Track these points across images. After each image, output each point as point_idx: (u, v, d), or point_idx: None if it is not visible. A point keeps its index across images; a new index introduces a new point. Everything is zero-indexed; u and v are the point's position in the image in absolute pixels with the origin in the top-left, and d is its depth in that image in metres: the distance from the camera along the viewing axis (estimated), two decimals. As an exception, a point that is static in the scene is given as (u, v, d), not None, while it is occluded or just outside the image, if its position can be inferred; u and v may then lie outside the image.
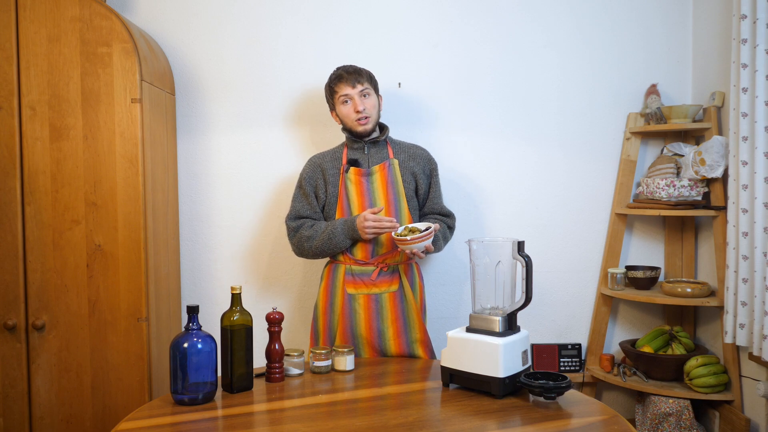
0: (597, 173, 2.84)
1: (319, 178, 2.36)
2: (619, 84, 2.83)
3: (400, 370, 2.07)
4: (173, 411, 1.71)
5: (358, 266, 2.30)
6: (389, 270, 2.31)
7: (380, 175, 2.33)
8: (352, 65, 2.37)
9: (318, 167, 2.38)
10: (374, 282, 2.29)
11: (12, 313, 2.25)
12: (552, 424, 1.60)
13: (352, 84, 2.30)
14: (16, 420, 2.26)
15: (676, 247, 2.83)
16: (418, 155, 2.42)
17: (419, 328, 2.30)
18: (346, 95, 2.31)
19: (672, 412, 2.50)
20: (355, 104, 2.30)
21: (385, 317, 2.29)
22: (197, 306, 1.80)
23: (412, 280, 2.35)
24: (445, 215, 2.47)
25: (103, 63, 2.25)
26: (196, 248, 2.78)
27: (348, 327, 2.29)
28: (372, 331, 2.28)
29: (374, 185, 2.33)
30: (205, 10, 2.73)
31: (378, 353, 2.30)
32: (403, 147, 2.43)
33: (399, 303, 2.30)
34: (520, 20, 2.80)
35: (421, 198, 2.43)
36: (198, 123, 2.76)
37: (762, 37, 2.25)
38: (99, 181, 2.27)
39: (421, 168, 2.40)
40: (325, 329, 2.33)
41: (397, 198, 2.34)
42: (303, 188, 2.38)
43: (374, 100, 2.35)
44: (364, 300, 2.29)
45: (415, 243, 2.14)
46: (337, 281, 2.33)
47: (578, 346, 2.82)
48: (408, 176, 2.37)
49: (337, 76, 2.34)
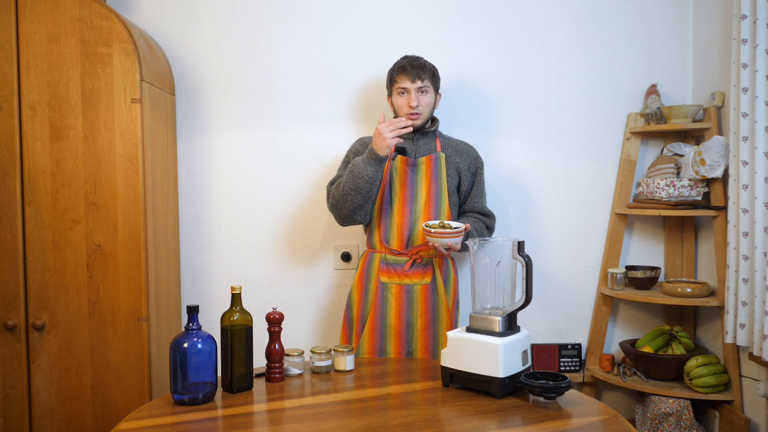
0: (597, 173, 2.84)
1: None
2: (619, 84, 2.83)
3: (400, 370, 2.07)
4: (173, 411, 1.71)
5: (393, 256, 2.33)
6: (423, 262, 2.32)
7: (426, 167, 2.34)
8: (419, 58, 2.38)
9: (366, 146, 2.38)
10: (407, 273, 2.31)
11: (12, 313, 2.25)
12: (552, 424, 1.60)
13: (412, 78, 2.31)
14: (16, 420, 2.26)
15: (676, 247, 2.83)
16: (465, 152, 2.43)
17: (447, 323, 2.31)
18: (404, 88, 2.33)
19: (672, 412, 2.50)
20: (410, 99, 2.32)
21: (416, 308, 2.30)
22: (197, 306, 1.80)
23: (446, 275, 2.36)
24: (485, 215, 2.46)
25: (103, 63, 2.25)
26: (196, 248, 2.78)
27: (378, 315, 2.31)
28: (401, 322, 2.30)
29: (418, 176, 2.34)
30: (205, 10, 2.73)
31: (404, 345, 2.31)
32: (452, 142, 2.44)
33: (430, 296, 2.32)
34: (519, 20, 2.80)
35: (462, 195, 2.43)
36: (198, 123, 2.76)
37: (762, 37, 2.25)
38: (99, 181, 2.27)
39: (466, 165, 2.41)
40: (359, 317, 2.35)
41: (439, 191, 2.34)
42: (349, 159, 2.40)
43: (431, 98, 2.36)
44: (397, 290, 2.31)
45: (437, 237, 2.15)
46: (372, 270, 2.35)
47: (578, 346, 2.82)
48: (452, 171, 2.38)
49: (401, 67, 2.35)
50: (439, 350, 2.31)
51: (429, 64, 2.38)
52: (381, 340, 2.31)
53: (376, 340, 2.31)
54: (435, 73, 2.38)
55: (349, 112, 2.77)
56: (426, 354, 2.32)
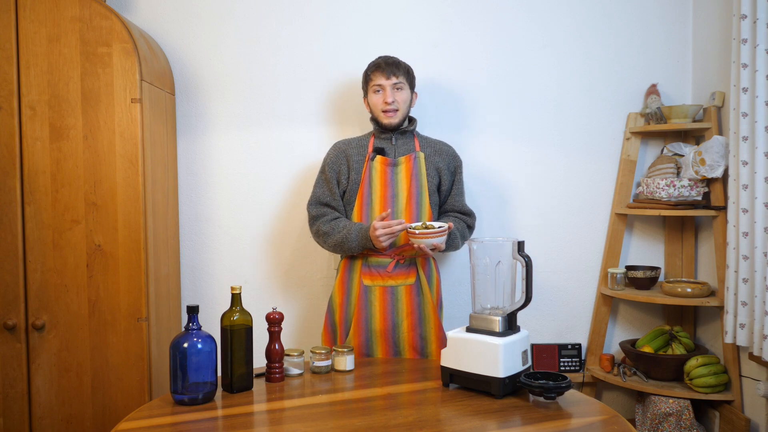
0: (597, 173, 2.84)
1: (342, 163, 2.36)
2: (619, 84, 2.83)
3: (400, 370, 2.07)
4: (173, 411, 1.71)
5: (375, 257, 2.31)
6: (406, 262, 2.31)
7: (405, 166, 2.34)
8: (393, 57, 2.39)
9: (342, 153, 2.38)
10: (390, 274, 2.30)
11: (12, 313, 2.25)
12: (552, 424, 1.60)
13: (387, 75, 2.33)
14: (16, 420, 2.26)
15: (676, 247, 2.83)
16: (444, 151, 2.43)
17: (434, 323, 2.30)
18: (379, 85, 2.34)
19: (672, 412, 2.50)
20: (386, 95, 2.32)
21: (401, 310, 2.29)
22: (197, 306, 1.80)
23: (429, 275, 2.35)
24: (465, 214, 2.46)
25: (103, 63, 2.25)
26: (196, 248, 2.78)
27: (363, 319, 2.29)
28: (387, 324, 2.28)
29: (398, 176, 2.33)
30: (205, 10, 2.73)
31: (392, 346, 2.30)
32: (430, 142, 2.44)
33: (415, 297, 2.30)
34: (519, 20, 2.80)
35: (443, 194, 2.43)
36: (198, 123, 2.76)
37: (762, 37, 2.25)
38: (99, 181, 2.27)
39: (445, 164, 2.41)
40: (342, 322, 2.33)
41: (420, 191, 2.34)
42: (326, 173, 2.38)
43: (406, 95, 2.37)
44: (380, 292, 2.29)
45: (422, 238, 2.15)
46: (354, 273, 2.33)
47: (578, 346, 2.82)
48: (432, 171, 2.38)
49: (375, 65, 2.37)
50: (427, 350, 2.30)
51: (403, 62, 2.39)
52: (367, 343, 2.29)
53: (363, 344, 2.29)
54: (410, 72, 2.40)
55: (349, 112, 2.77)
56: (414, 355, 2.31)
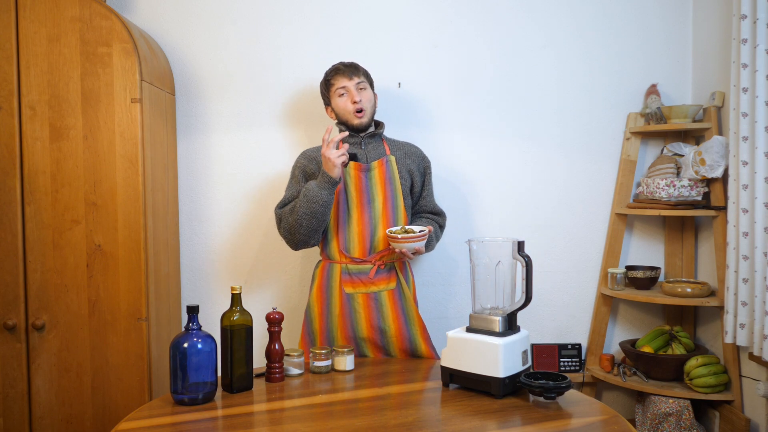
0: (597, 173, 2.84)
1: (314, 169, 2.34)
2: (619, 84, 2.83)
3: (400, 370, 2.07)
4: (173, 411, 1.71)
5: (355, 265, 2.29)
6: (386, 267, 2.31)
7: (379, 171, 2.33)
8: (349, 61, 2.41)
9: (313, 160, 2.36)
10: (372, 280, 2.29)
11: (12, 313, 2.25)
12: (552, 424, 1.60)
13: (349, 76, 2.33)
14: (16, 420, 2.26)
15: (676, 247, 2.83)
16: (413, 153, 2.43)
17: (419, 323, 2.30)
18: (343, 87, 2.33)
19: (672, 412, 2.50)
20: (352, 95, 2.32)
21: (386, 315, 2.28)
22: (197, 306, 1.80)
23: (406, 277, 2.35)
24: (436, 214, 2.48)
25: (103, 63, 2.25)
26: (196, 248, 2.78)
27: (348, 328, 2.27)
28: (373, 330, 2.27)
29: (372, 181, 2.32)
30: (205, 10, 2.73)
31: (381, 351, 2.29)
32: (398, 144, 2.43)
33: (398, 300, 2.30)
34: (519, 20, 2.80)
35: (414, 195, 2.43)
36: (198, 123, 2.76)
37: (762, 37, 2.25)
38: (99, 181, 2.27)
39: (416, 166, 2.41)
40: (322, 331, 2.30)
41: (395, 195, 2.33)
42: (296, 177, 2.35)
43: (370, 94, 2.37)
44: (363, 299, 2.27)
45: (405, 243, 2.16)
46: (333, 281, 2.30)
47: (578, 346, 2.82)
48: (405, 173, 2.38)
49: (334, 69, 2.37)
50: (418, 352, 2.29)
51: (359, 65, 2.40)
52: (357, 351, 2.28)
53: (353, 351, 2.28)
54: (368, 74, 2.40)
55: (349, 112, 2.77)
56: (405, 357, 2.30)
